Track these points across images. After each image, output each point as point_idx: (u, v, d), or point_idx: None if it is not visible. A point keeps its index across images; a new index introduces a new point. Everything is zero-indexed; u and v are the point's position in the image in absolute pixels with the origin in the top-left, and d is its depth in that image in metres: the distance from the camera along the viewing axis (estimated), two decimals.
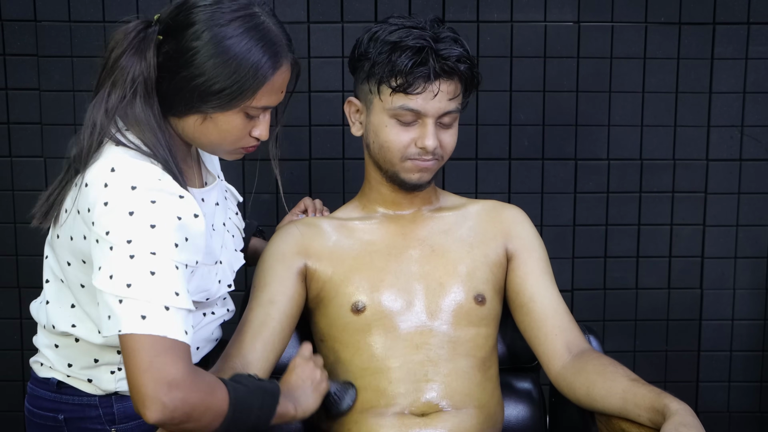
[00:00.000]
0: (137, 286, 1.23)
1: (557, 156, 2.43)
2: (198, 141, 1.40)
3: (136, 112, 1.33)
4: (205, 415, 1.25)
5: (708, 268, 2.49)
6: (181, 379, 1.21)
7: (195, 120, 1.36)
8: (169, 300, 1.24)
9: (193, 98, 1.33)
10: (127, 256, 1.24)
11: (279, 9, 2.33)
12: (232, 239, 1.56)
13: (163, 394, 1.19)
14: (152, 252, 1.25)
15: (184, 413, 1.21)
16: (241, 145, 1.41)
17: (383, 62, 1.52)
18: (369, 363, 1.55)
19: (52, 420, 1.49)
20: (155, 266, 1.25)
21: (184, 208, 1.30)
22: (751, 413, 2.56)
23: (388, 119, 1.55)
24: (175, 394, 1.20)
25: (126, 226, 1.25)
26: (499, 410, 1.61)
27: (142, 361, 1.21)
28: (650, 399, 1.40)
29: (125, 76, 1.32)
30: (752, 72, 2.41)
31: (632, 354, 2.51)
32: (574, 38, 2.38)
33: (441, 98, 1.52)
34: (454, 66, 1.52)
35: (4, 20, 2.32)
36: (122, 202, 1.26)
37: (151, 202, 1.27)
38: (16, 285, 2.41)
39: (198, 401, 1.23)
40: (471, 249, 1.62)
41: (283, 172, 2.37)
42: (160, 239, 1.26)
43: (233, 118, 1.36)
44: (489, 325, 1.60)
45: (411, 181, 1.58)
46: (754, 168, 2.45)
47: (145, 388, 1.20)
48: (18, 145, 2.35)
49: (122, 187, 1.27)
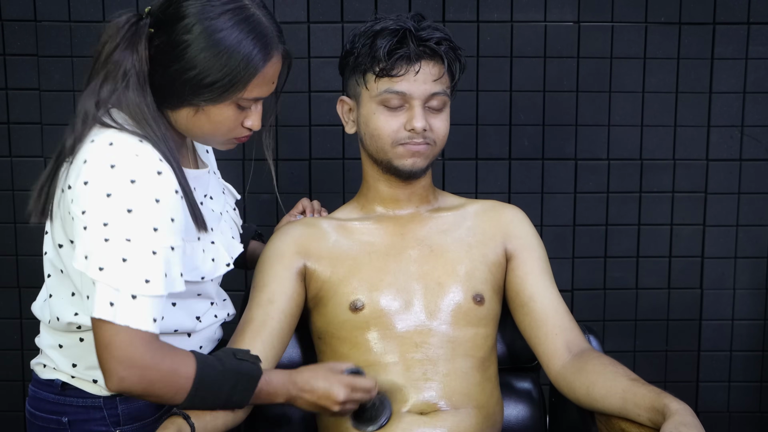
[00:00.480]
0: (108, 271, 1.26)
1: (557, 156, 2.43)
2: (191, 132, 1.42)
3: (129, 101, 1.35)
4: (166, 391, 1.31)
5: (708, 268, 2.49)
6: (139, 359, 1.27)
7: (187, 112, 1.37)
8: (137, 288, 1.27)
9: (185, 91, 1.34)
10: (102, 239, 1.27)
11: (279, 9, 2.33)
12: (230, 229, 1.57)
13: (122, 369, 1.27)
14: (127, 238, 1.27)
15: (143, 388, 1.29)
16: (233, 135, 1.43)
17: (366, 52, 1.55)
18: (366, 357, 1.55)
19: (55, 423, 1.48)
20: (128, 253, 1.27)
21: (163, 186, 1.31)
22: (751, 413, 2.56)
23: (377, 106, 1.56)
24: (134, 371, 1.27)
25: (103, 208, 1.27)
26: (498, 410, 1.61)
27: (105, 341, 1.27)
28: (650, 399, 1.40)
29: (117, 69, 1.34)
30: (752, 72, 2.41)
31: (632, 354, 2.51)
32: (574, 38, 2.38)
33: (425, 80, 1.55)
34: (434, 47, 1.55)
35: (4, 20, 2.32)
36: (101, 182, 1.28)
37: (130, 182, 1.28)
38: (16, 285, 2.41)
39: (157, 379, 1.29)
40: (470, 249, 1.62)
41: (283, 172, 2.38)
42: (135, 225, 1.28)
43: (225, 110, 1.37)
44: (488, 325, 1.60)
45: (405, 167, 1.58)
46: (754, 168, 2.45)
47: (107, 364, 1.27)
48: (18, 145, 2.35)
49: (102, 165, 1.29)
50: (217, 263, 1.48)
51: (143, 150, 1.32)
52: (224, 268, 1.49)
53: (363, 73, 1.57)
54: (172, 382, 1.31)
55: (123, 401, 1.47)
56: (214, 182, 1.58)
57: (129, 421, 1.48)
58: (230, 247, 1.53)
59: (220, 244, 1.50)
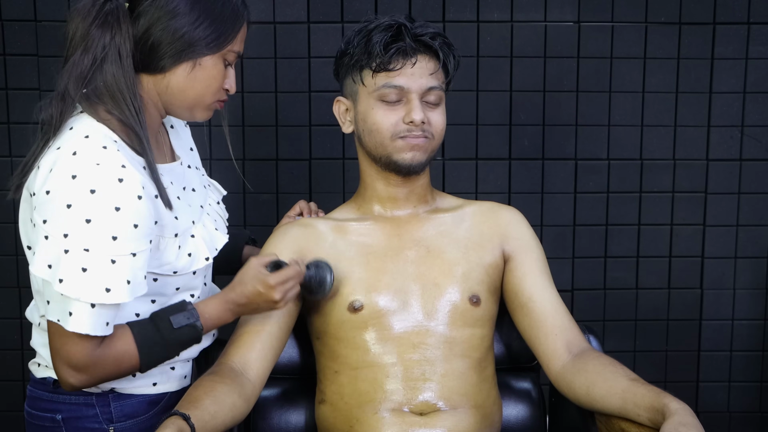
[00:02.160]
0: (68, 282, 1.31)
1: (557, 156, 2.43)
2: (182, 96, 1.44)
3: (107, 79, 1.39)
4: (118, 376, 1.42)
5: (708, 268, 2.49)
6: (84, 363, 1.35)
7: (185, 69, 1.41)
8: (96, 297, 1.32)
9: (183, 45, 1.39)
10: (62, 249, 1.31)
11: (279, 9, 2.33)
12: (213, 222, 1.58)
13: (70, 375, 1.37)
14: (86, 249, 1.31)
15: (95, 382, 1.40)
16: (217, 97, 1.48)
17: (361, 49, 1.57)
18: (365, 357, 1.55)
19: (50, 421, 1.50)
20: (87, 263, 1.31)
21: (124, 193, 1.33)
22: (751, 413, 2.56)
23: (374, 102, 1.58)
24: (81, 376, 1.37)
25: (63, 219, 1.31)
26: (496, 410, 1.61)
27: (57, 346, 1.36)
28: (650, 399, 1.40)
29: (95, 45, 1.38)
30: (752, 72, 2.41)
31: (632, 354, 2.51)
32: (574, 38, 2.38)
33: (422, 73, 1.56)
34: (429, 42, 1.57)
35: (4, 20, 2.32)
36: (61, 193, 1.32)
37: (90, 192, 1.31)
38: (16, 285, 2.41)
39: (105, 374, 1.39)
40: (467, 250, 1.62)
41: (283, 172, 2.38)
42: (94, 235, 1.31)
43: (217, 64, 1.43)
44: (484, 325, 1.60)
45: (405, 161, 1.59)
46: (754, 168, 2.45)
47: (58, 368, 1.37)
48: (18, 145, 2.35)
49: (63, 175, 1.32)
50: (194, 257, 1.49)
51: (105, 158, 1.34)
52: (203, 262, 1.51)
53: (360, 70, 1.58)
54: (120, 368, 1.40)
55: (115, 399, 1.48)
56: (196, 177, 1.59)
57: (122, 419, 1.49)
58: (213, 239, 1.55)
59: (201, 239, 1.51)
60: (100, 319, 1.34)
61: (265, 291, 1.46)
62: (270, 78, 2.35)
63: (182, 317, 1.42)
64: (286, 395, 1.70)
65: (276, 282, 1.46)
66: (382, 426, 1.51)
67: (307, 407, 1.69)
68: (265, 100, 2.36)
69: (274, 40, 2.34)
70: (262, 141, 2.38)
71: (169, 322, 1.41)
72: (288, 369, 1.72)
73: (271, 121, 2.38)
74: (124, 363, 1.39)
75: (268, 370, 1.55)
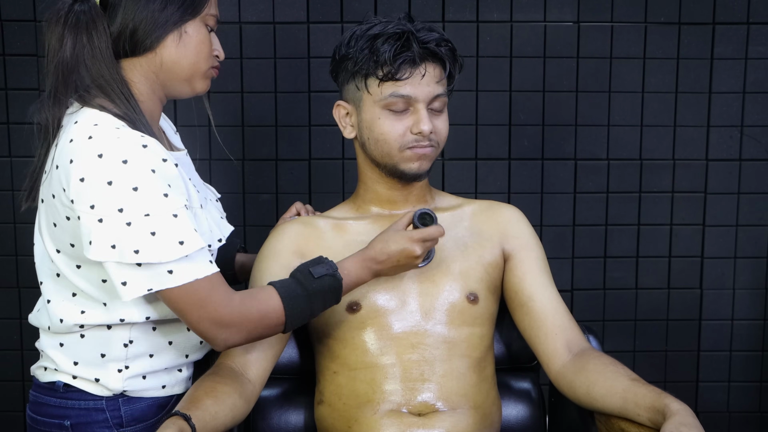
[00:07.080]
0: (145, 251, 1.32)
1: (557, 156, 2.43)
2: (177, 68, 1.45)
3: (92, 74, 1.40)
4: (265, 333, 1.44)
5: (708, 268, 2.49)
6: (229, 318, 1.38)
7: (173, 41, 1.43)
8: (174, 253, 1.33)
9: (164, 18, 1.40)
10: (123, 224, 1.31)
11: (279, 9, 2.33)
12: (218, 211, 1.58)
13: (219, 333, 1.39)
14: (146, 214, 1.32)
15: (242, 339, 1.42)
16: (210, 63, 1.48)
17: (366, 56, 1.54)
18: (363, 357, 1.55)
19: (57, 427, 1.48)
20: (154, 226, 1.32)
21: (153, 157, 1.35)
22: (751, 413, 2.56)
23: (380, 111, 1.56)
24: (229, 333, 1.39)
25: (111, 196, 1.31)
26: (495, 410, 1.61)
27: (190, 309, 1.36)
28: (650, 399, 1.40)
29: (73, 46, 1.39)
30: (752, 72, 2.41)
31: (632, 354, 2.51)
32: (574, 38, 2.38)
33: (429, 81, 1.55)
34: (435, 49, 1.55)
35: (4, 20, 2.32)
36: (97, 175, 1.32)
37: (123, 163, 1.32)
38: (16, 285, 2.41)
39: (252, 329, 1.41)
40: (466, 249, 1.62)
41: (283, 172, 2.38)
42: (147, 198, 1.32)
43: (200, 28, 1.45)
44: (483, 324, 1.60)
45: (411, 171, 1.59)
46: (754, 168, 2.45)
47: (206, 332, 1.38)
48: (18, 145, 2.35)
49: (90, 159, 1.32)
50: (213, 235, 1.50)
51: (123, 132, 1.35)
52: (216, 243, 1.51)
53: (364, 77, 1.56)
54: (267, 325, 1.42)
55: (125, 402, 1.47)
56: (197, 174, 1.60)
57: (132, 423, 1.48)
58: (221, 225, 1.55)
59: (212, 220, 1.52)
60: (200, 264, 1.35)
61: (410, 246, 1.48)
62: (269, 78, 2.35)
63: (321, 268, 1.45)
64: (285, 395, 1.70)
65: (420, 237, 1.48)
66: (380, 427, 1.51)
67: (306, 407, 1.69)
68: (265, 101, 2.36)
69: (273, 41, 2.34)
70: (262, 141, 2.38)
71: (310, 273, 1.44)
72: (288, 369, 1.72)
73: (271, 122, 2.38)
74: (269, 316, 1.41)
75: (268, 370, 1.55)
